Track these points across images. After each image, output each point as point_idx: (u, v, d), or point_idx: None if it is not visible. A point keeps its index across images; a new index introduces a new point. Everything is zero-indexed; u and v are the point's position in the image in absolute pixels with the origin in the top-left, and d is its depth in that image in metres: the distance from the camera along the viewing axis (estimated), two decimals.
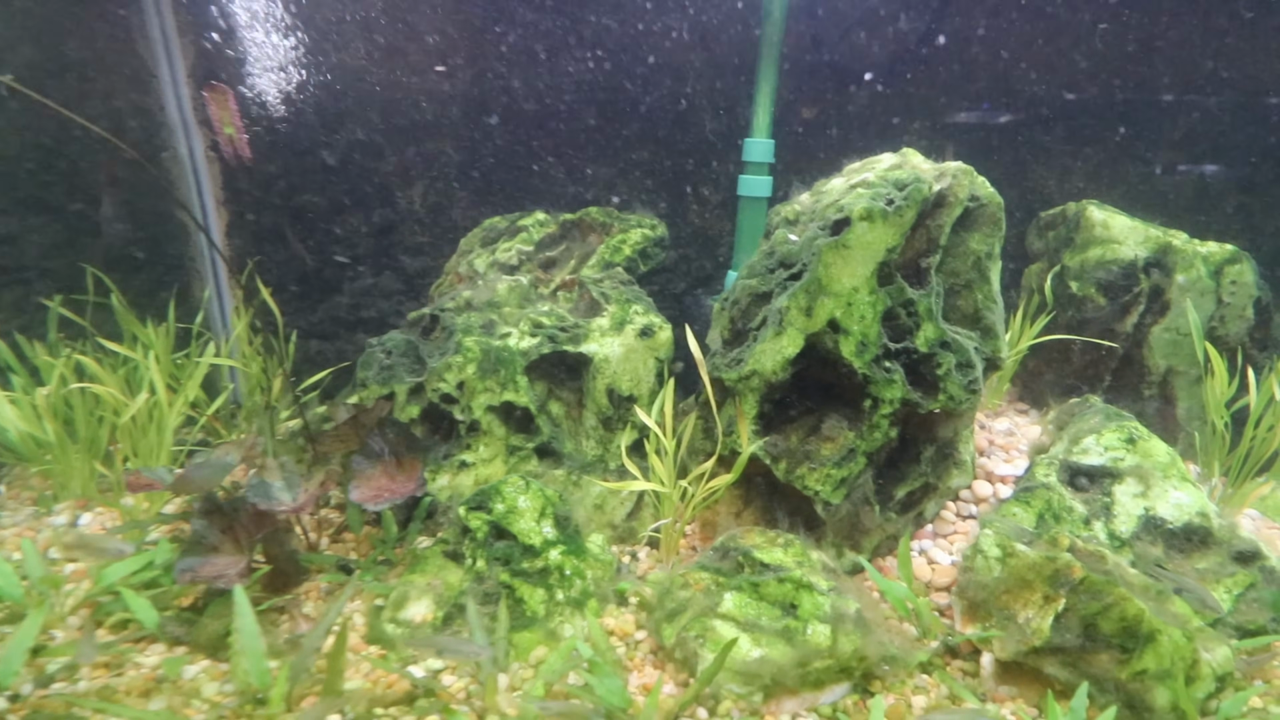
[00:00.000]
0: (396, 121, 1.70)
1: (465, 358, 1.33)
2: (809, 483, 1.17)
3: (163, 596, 1.08)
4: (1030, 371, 1.59)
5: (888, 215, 1.11)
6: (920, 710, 0.97)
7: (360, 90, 1.67)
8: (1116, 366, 1.45)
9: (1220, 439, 1.26)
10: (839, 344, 1.14)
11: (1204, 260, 1.38)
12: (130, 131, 1.52)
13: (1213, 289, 1.37)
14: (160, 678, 0.99)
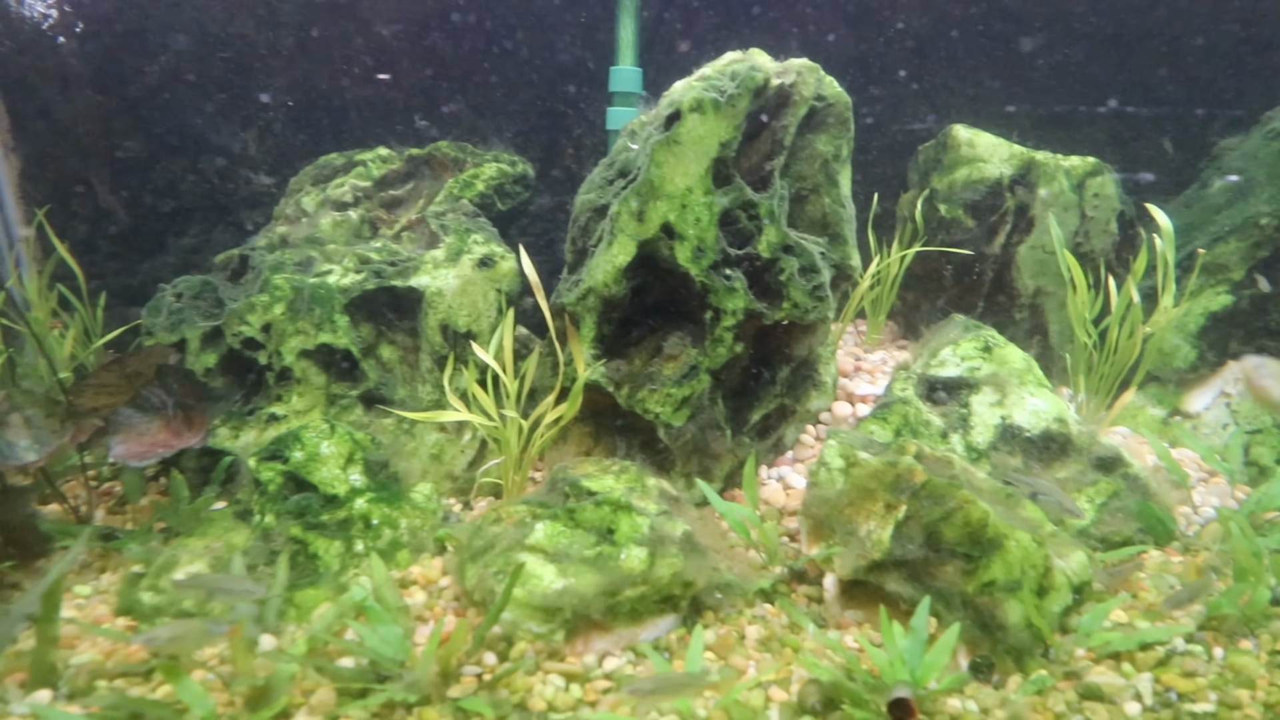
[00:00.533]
0: (225, 52, 1.54)
1: (272, 296, 1.18)
2: (649, 405, 1.06)
3: None
4: (909, 305, 1.52)
5: (719, 106, 1.01)
6: (754, 642, 0.86)
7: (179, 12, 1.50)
8: (989, 291, 1.40)
9: (1086, 354, 1.20)
10: (675, 250, 1.04)
11: (1066, 174, 1.33)
12: None
13: (1076, 203, 1.33)
14: None
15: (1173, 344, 1.27)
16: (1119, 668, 0.81)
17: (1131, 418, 1.27)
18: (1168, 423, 1.24)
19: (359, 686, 0.76)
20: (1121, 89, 1.57)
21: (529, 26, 1.63)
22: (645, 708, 0.72)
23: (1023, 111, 1.60)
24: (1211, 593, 0.88)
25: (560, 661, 0.79)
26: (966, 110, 1.62)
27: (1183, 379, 1.27)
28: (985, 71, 1.62)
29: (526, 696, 0.75)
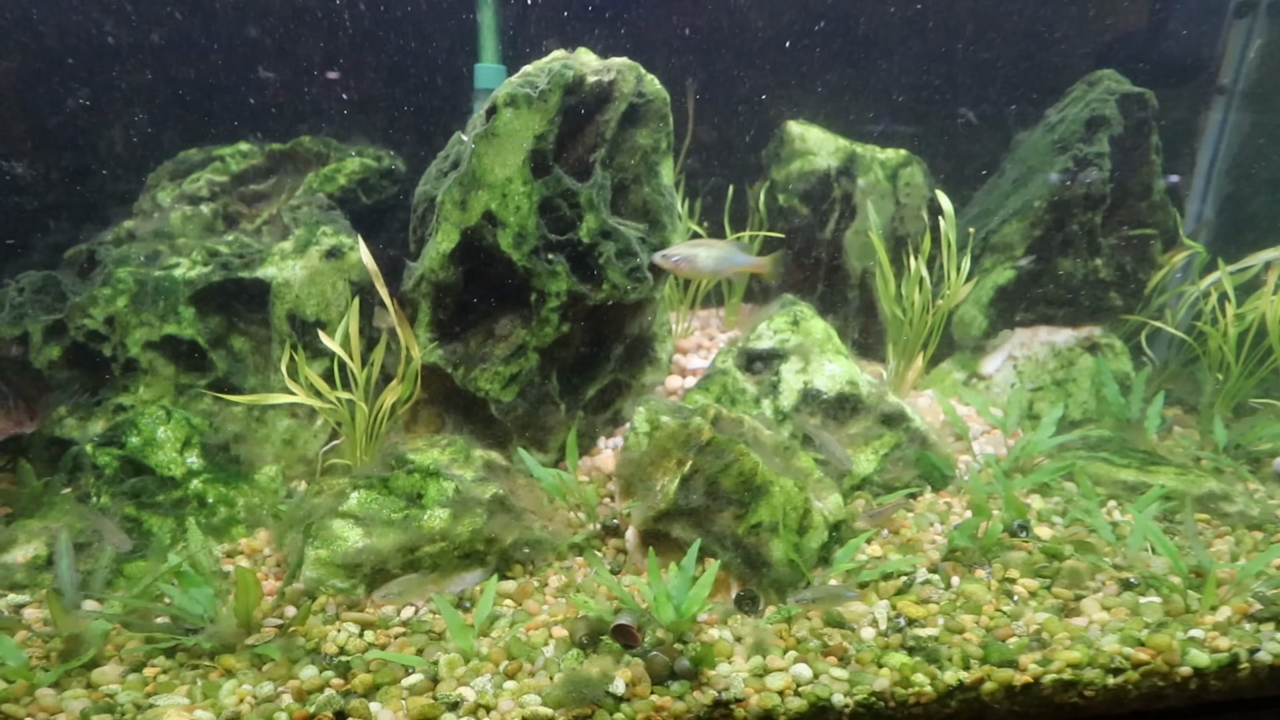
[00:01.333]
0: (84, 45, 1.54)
1: (115, 289, 1.20)
2: (480, 383, 1.13)
3: None
4: (765, 289, 1.64)
5: (532, 100, 1.09)
6: (553, 590, 0.95)
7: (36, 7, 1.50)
8: (825, 273, 1.52)
9: (897, 327, 1.33)
10: (498, 237, 1.11)
11: (881, 165, 1.47)
12: None
13: (890, 191, 1.46)
14: None
15: (970, 315, 1.42)
16: (865, 597, 0.92)
17: (940, 381, 1.42)
18: (967, 384, 1.38)
19: (168, 640, 0.81)
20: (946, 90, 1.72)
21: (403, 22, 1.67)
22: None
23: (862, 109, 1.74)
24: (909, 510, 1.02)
25: (360, 612, 0.86)
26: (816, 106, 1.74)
27: (978, 345, 1.42)
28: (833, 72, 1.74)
29: (320, 642, 0.82)
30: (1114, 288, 1.40)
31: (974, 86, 1.74)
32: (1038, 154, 1.44)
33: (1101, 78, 1.41)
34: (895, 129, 1.72)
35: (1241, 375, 1.29)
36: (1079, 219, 1.36)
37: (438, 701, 0.74)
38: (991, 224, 1.43)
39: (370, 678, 0.77)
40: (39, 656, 0.81)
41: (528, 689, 0.76)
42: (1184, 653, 0.82)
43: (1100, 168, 1.32)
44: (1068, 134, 1.37)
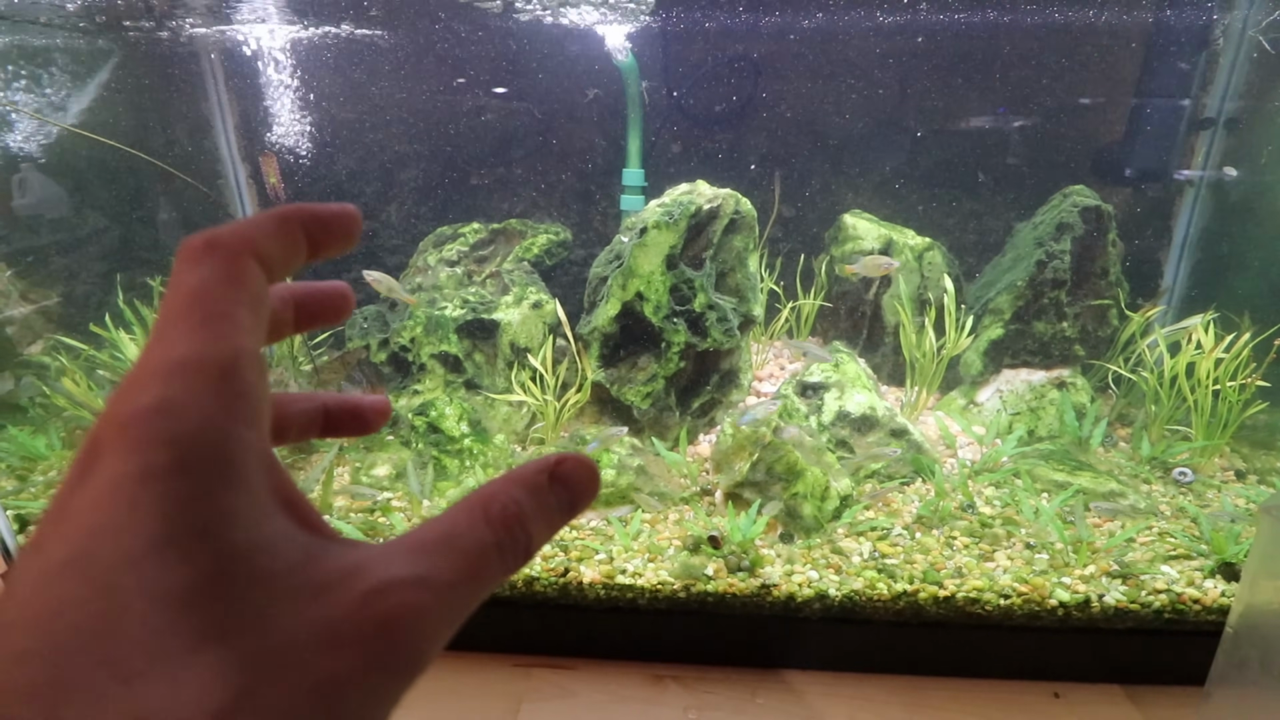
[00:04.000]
0: (377, 159, 2.40)
1: (415, 322, 2.01)
2: (628, 396, 1.83)
3: None
4: (823, 330, 2.22)
5: (669, 224, 1.76)
6: (672, 522, 1.63)
7: (351, 137, 2.36)
8: (869, 324, 2.08)
9: (913, 368, 1.88)
10: (643, 307, 1.80)
11: (910, 248, 2.00)
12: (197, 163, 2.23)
13: (917, 268, 1.99)
14: None
15: (970, 359, 1.94)
16: (857, 540, 1.52)
17: (947, 405, 1.95)
18: (966, 409, 1.91)
19: None
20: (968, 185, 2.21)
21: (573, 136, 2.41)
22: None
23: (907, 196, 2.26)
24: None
25: None
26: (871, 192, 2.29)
27: (976, 381, 1.94)
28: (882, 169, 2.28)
29: None
30: (1077, 343, 1.87)
31: (990, 184, 2.21)
32: (1025, 244, 1.93)
33: (1073, 192, 1.87)
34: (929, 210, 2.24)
35: (1170, 407, 1.74)
36: (1049, 295, 1.85)
37: (614, 568, 1.44)
38: (990, 294, 1.94)
39: (578, 553, 1.48)
40: None
41: (660, 568, 1.44)
42: (1052, 591, 1.36)
43: (1060, 260, 1.80)
44: (1044, 233, 1.86)
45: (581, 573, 1.42)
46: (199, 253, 0.23)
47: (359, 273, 2.52)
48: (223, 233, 0.23)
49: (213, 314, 0.21)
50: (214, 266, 0.22)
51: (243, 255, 0.23)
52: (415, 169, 2.43)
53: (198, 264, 0.22)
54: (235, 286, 0.22)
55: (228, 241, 0.23)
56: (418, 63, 2.34)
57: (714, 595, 1.40)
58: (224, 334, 0.21)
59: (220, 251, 0.23)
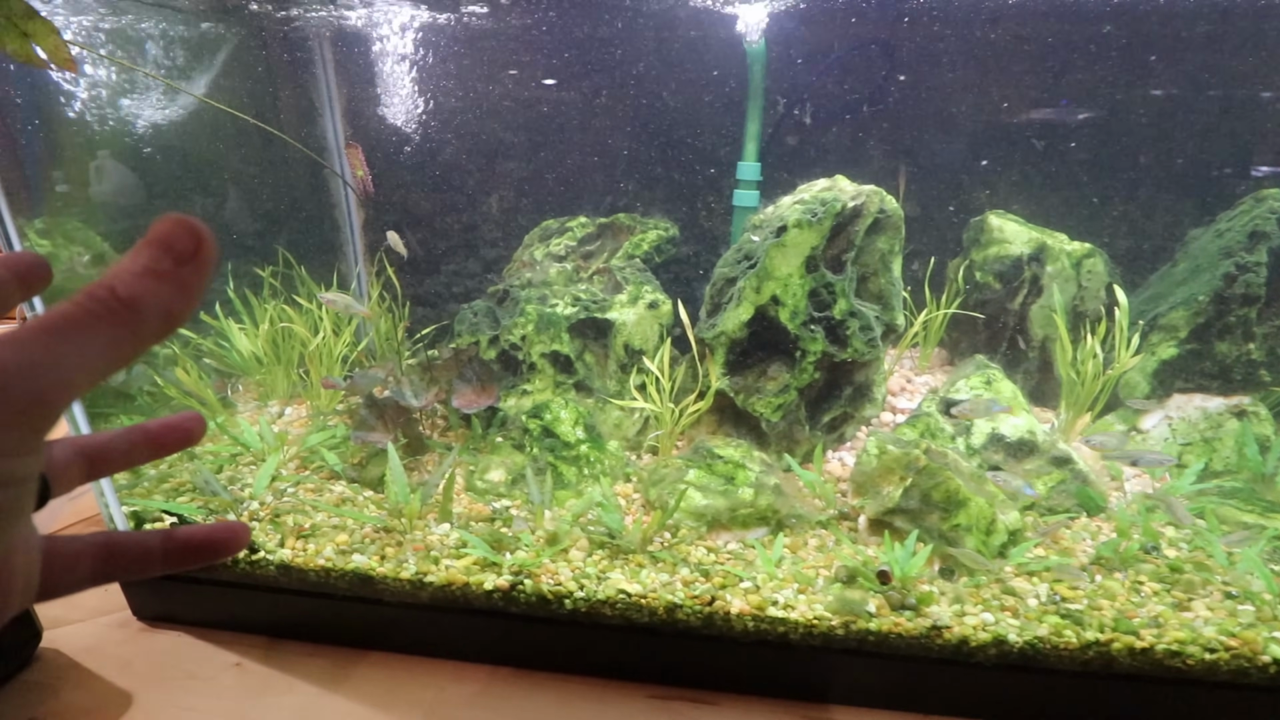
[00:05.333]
0: (479, 148, 2.32)
1: (526, 319, 1.93)
2: (757, 407, 1.71)
3: (343, 454, 1.73)
4: (953, 340, 2.05)
5: (811, 223, 1.63)
6: (812, 548, 1.50)
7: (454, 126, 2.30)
8: (1010, 336, 1.90)
9: (1072, 386, 1.70)
10: (778, 313, 1.67)
11: (1068, 255, 1.81)
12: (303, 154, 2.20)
13: (1074, 276, 1.80)
14: (344, 498, 1.63)
15: (1135, 380, 1.74)
16: (1030, 580, 1.37)
17: (1103, 431, 1.76)
18: (1127, 436, 1.72)
19: (599, 540, 1.48)
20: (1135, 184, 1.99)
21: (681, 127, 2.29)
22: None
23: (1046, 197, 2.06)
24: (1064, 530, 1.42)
25: (704, 541, 1.48)
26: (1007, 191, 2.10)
27: (1140, 406, 1.74)
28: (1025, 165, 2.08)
29: (686, 555, 1.44)
30: (1264, 367, 1.66)
31: (1151, 184, 1.99)
32: (1206, 255, 1.71)
33: (1268, 196, 1.64)
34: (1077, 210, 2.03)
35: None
36: (1236, 312, 1.63)
37: (763, 598, 1.33)
38: (1161, 308, 1.73)
39: (721, 580, 1.38)
40: (535, 540, 1.52)
41: (814, 600, 1.33)
42: (1266, 646, 1.19)
43: (1254, 274, 1.59)
44: (1233, 242, 1.64)
45: (729, 602, 1.32)
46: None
47: (458, 265, 2.47)
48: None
49: None
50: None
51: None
52: (515, 160, 2.35)
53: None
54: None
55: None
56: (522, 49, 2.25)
57: (875, 634, 1.27)
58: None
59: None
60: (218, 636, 1.46)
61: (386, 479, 1.59)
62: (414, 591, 1.39)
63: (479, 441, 1.85)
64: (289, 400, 2.01)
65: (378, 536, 1.49)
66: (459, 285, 2.44)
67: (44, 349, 0.23)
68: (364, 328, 2.21)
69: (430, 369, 1.85)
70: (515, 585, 1.36)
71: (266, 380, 1.98)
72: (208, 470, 1.56)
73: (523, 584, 1.36)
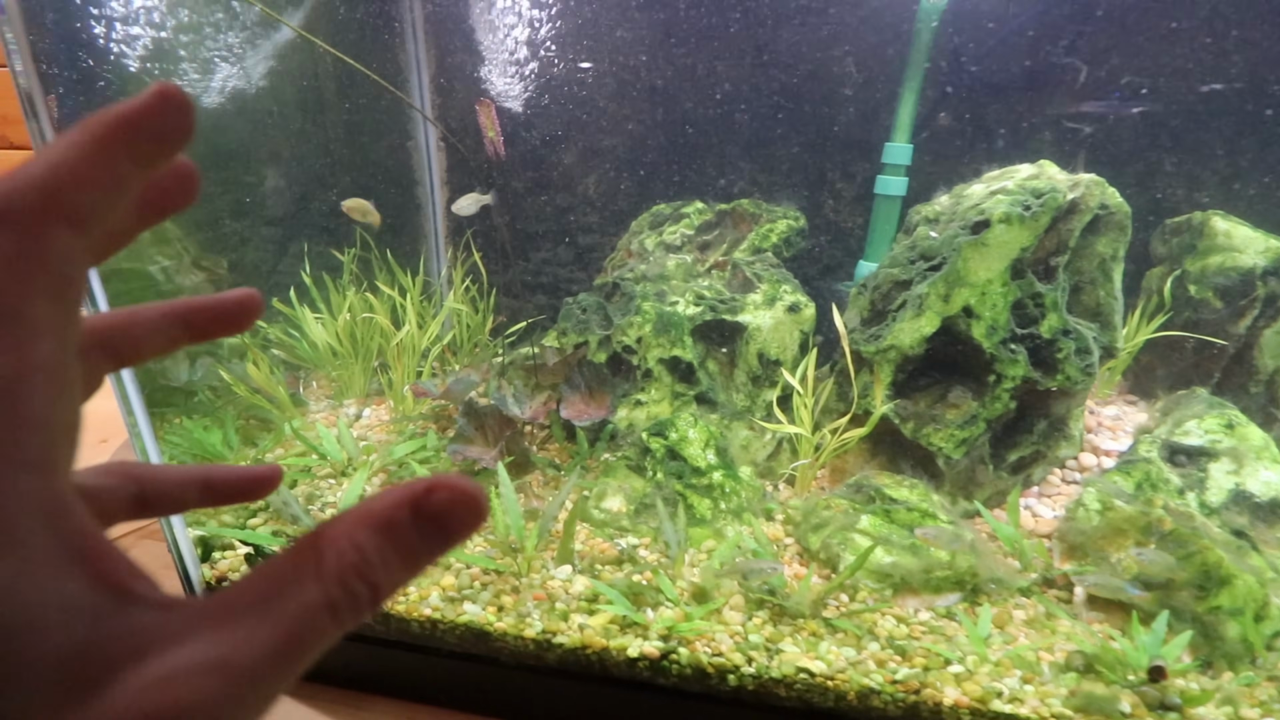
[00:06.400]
0: (577, 121, 2.04)
1: (643, 319, 1.66)
2: (934, 440, 1.42)
3: (434, 470, 1.48)
4: (1142, 366, 1.73)
5: (1024, 219, 1.32)
6: (1020, 621, 1.22)
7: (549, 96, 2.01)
8: (1226, 365, 1.58)
9: None
10: (971, 327, 1.37)
11: None
12: (387, 124, 1.94)
13: None
14: None
15: None
16: None
17: None
18: None
19: (758, 598, 1.22)
20: None
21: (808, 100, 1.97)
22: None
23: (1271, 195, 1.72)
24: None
25: (890, 608, 1.20)
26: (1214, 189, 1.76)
27: None
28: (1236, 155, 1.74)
29: (873, 626, 1.17)
30: None
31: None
32: None
33: None
34: None
35: None
36: None
37: (984, 688, 1.05)
38: None
39: (923, 660, 1.10)
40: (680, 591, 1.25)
41: (1046, 693, 1.05)
42: None
43: None
44: None
45: (940, 691, 1.04)
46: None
47: (549, 252, 2.20)
48: (11, 193, 0.18)
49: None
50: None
51: (39, 223, 0.18)
52: (618, 137, 2.06)
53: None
54: (27, 271, 0.17)
55: (19, 206, 0.18)
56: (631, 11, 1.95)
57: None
58: (5, 345, 0.17)
59: (7, 225, 0.17)
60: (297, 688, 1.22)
61: (493, 506, 1.33)
62: (538, 653, 1.13)
63: (585, 459, 1.59)
64: (366, 399, 1.76)
65: (489, 579, 1.24)
66: (547, 274, 2.17)
67: (267, 690, 0.17)
68: (448, 321, 1.96)
69: (535, 372, 1.59)
70: (666, 654, 1.10)
71: (342, 376, 1.74)
72: (285, 489, 1.32)
73: (676, 652, 1.10)
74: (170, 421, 1.50)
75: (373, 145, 2.02)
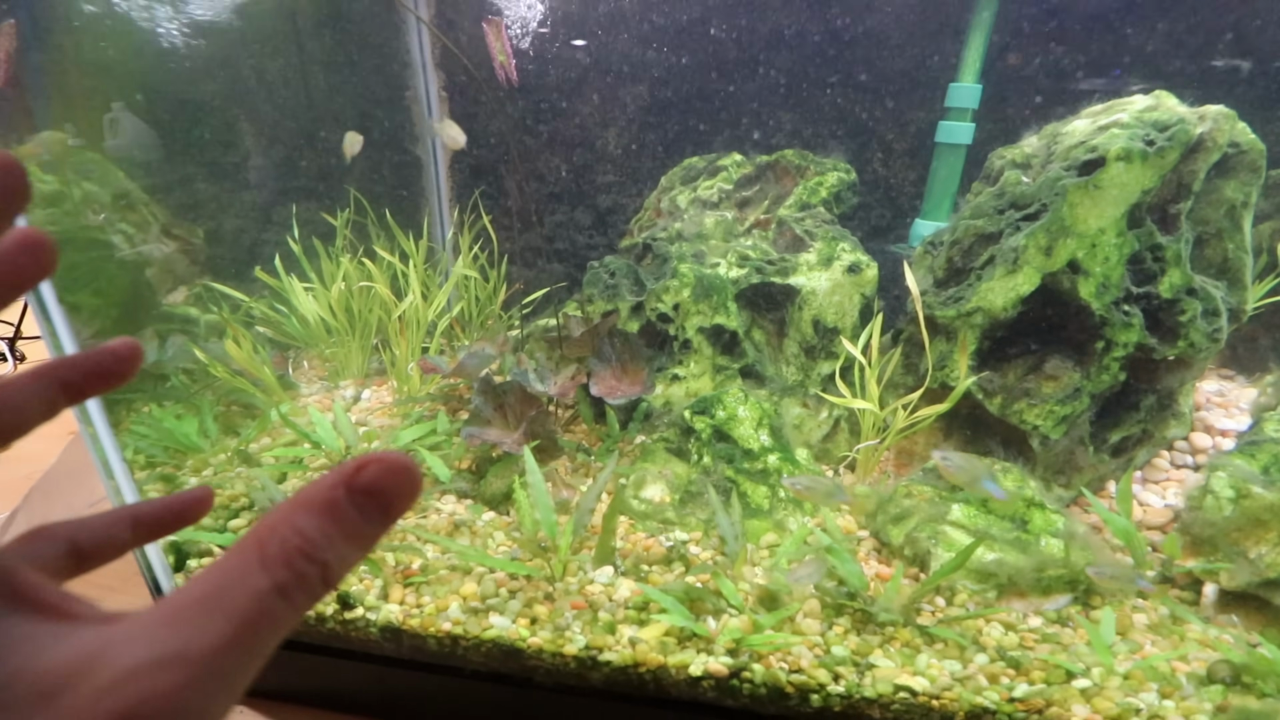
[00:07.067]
0: (596, 68, 1.81)
1: (681, 282, 1.45)
2: (1027, 417, 1.22)
3: (446, 458, 1.28)
4: (1243, 336, 1.54)
5: (1147, 156, 1.11)
6: (1143, 625, 1.03)
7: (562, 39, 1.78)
8: None
9: None
10: (1077, 284, 1.17)
11: None
12: (384, 72, 1.71)
13: None
14: (459, 521, 1.19)
15: None
16: None
17: None
18: None
19: (837, 602, 1.03)
20: None
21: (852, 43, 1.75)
22: None
23: None
24: None
25: (995, 612, 1.02)
26: None
27: None
28: None
29: (978, 635, 0.98)
30: None
31: None
32: None
33: None
34: None
35: None
36: None
37: (1120, 707, 0.87)
38: None
39: (1042, 673, 0.92)
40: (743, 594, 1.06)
41: (1191, 710, 0.87)
42: None
43: None
44: None
45: (1070, 710, 0.86)
46: None
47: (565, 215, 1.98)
48: None
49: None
50: None
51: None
52: (640, 85, 1.83)
53: None
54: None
55: None
56: None
57: None
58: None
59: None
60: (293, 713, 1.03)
61: (517, 498, 1.14)
62: (580, 672, 0.95)
63: (617, 442, 1.40)
64: (365, 380, 1.55)
65: (517, 585, 1.04)
66: (563, 240, 1.96)
67: (228, 679, 0.18)
68: (455, 292, 1.75)
69: (559, 344, 1.39)
70: (736, 671, 0.91)
71: (338, 355, 1.53)
72: (269, 480, 1.12)
73: (748, 669, 0.91)
74: (138, 410, 1.29)
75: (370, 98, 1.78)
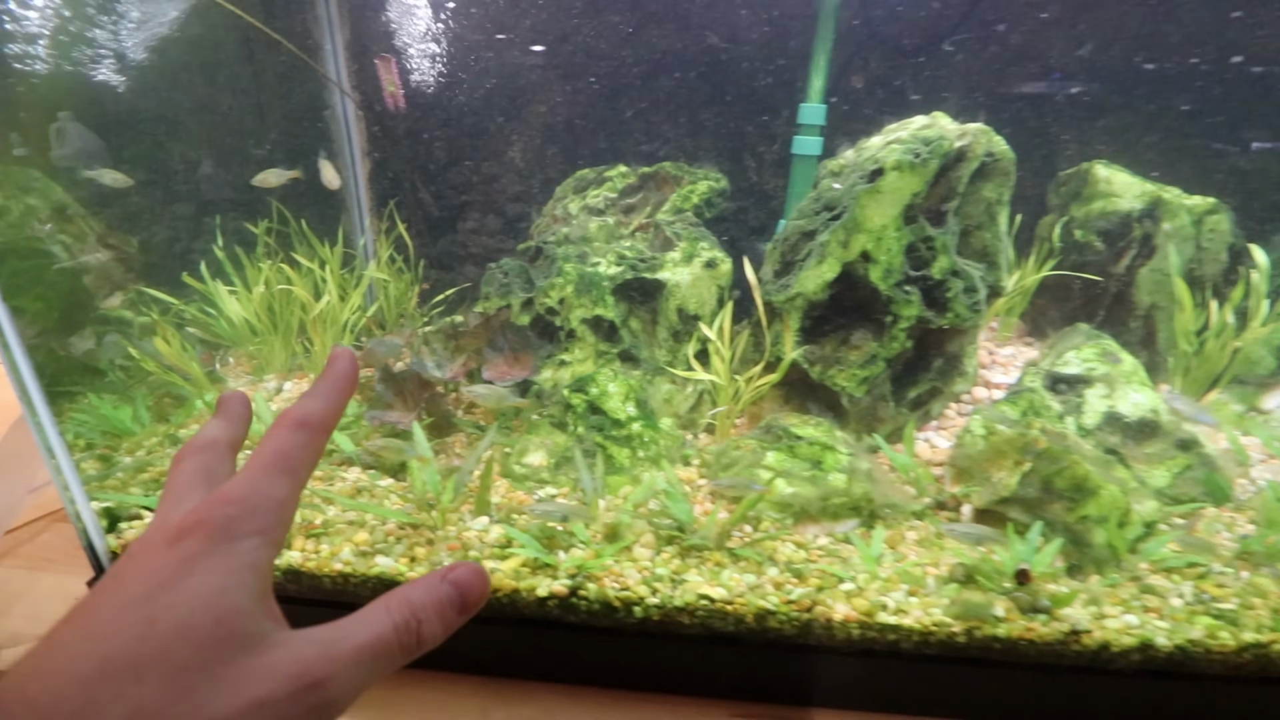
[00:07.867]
0: (502, 88, 2.04)
1: (565, 280, 1.69)
2: (838, 380, 1.49)
3: (355, 436, 1.49)
4: (1037, 309, 1.84)
5: (914, 166, 1.39)
6: (912, 541, 1.30)
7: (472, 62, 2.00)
8: (1109, 303, 1.70)
9: (1186, 360, 1.50)
10: (868, 271, 1.44)
11: (1188, 211, 1.60)
12: (300, 94, 1.90)
13: (1193, 236, 1.59)
14: (361, 487, 1.40)
15: (1259, 355, 1.55)
16: (1169, 577, 1.19)
17: (1218, 411, 1.57)
18: (1245, 416, 1.53)
19: (667, 535, 1.27)
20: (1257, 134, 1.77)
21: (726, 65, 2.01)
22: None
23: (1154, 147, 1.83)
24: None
25: (791, 535, 1.27)
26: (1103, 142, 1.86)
27: (1263, 383, 1.55)
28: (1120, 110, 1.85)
29: (773, 553, 1.24)
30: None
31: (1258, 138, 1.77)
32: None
33: None
34: None
35: None
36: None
37: (871, 603, 1.13)
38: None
39: (818, 581, 1.17)
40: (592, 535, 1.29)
41: (929, 604, 1.13)
42: None
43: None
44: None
45: (831, 608, 1.11)
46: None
47: (476, 222, 2.19)
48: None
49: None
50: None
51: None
52: (542, 103, 2.06)
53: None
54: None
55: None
56: None
57: (1003, 641, 1.08)
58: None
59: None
60: None
61: (410, 465, 1.36)
62: None
63: (512, 419, 1.62)
64: (288, 374, 1.75)
65: (404, 534, 1.26)
66: (476, 245, 2.18)
67: (368, 676, 0.33)
68: (372, 292, 1.95)
69: (456, 336, 1.61)
70: (575, 590, 1.15)
71: (262, 351, 1.72)
72: None
73: (584, 588, 1.15)
74: (76, 400, 1.47)
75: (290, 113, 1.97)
